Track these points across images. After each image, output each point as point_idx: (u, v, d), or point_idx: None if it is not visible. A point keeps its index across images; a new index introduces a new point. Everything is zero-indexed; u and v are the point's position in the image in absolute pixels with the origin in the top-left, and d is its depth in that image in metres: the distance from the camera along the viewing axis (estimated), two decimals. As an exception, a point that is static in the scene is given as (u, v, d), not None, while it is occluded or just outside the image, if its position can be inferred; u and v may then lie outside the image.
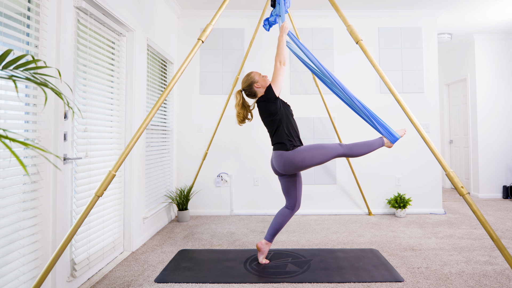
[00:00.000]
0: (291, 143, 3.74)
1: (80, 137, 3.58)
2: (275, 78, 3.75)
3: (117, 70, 4.48)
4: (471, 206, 2.96)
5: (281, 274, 3.76)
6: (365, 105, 3.68)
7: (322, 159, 3.68)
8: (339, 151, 3.68)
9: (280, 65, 3.74)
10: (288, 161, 3.71)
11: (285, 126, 3.77)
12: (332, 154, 3.68)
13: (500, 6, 6.49)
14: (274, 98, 3.73)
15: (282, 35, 3.87)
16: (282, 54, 3.77)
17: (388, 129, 3.68)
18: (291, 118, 3.87)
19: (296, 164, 3.70)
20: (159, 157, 5.89)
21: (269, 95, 3.75)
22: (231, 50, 6.82)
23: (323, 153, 3.67)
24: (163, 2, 5.90)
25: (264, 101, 3.80)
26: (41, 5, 3.00)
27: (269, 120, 3.84)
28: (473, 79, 8.46)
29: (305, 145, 3.78)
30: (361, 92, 6.80)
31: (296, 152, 3.68)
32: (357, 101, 3.67)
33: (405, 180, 6.81)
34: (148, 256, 4.47)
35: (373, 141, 3.75)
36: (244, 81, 3.99)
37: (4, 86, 2.56)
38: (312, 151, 3.68)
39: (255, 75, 3.94)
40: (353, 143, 3.74)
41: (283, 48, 3.79)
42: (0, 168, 2.56)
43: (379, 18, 6.87)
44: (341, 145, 3.69)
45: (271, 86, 3.74)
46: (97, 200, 2.79)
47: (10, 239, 2.65)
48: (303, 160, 3.67)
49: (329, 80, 3.81)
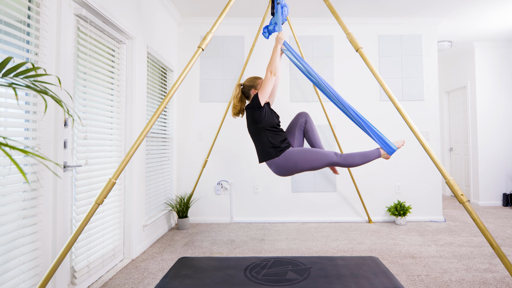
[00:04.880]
0: (276, 149, 3.69)
1: (80, 144, 3.58)
2: (262, 87, 3.71)
3: (117, 78, 4.49)
4: (471, 213, 2.95)
5: (281, 281, 3.75)
6: (360, 114, 3.61)
7: (315, 164, 3.63)
8: (333, 159, 3.63)
9: (270, 75, 3.70)
10: (280, 167, 3.67)
11: (267, 134, 3.73)
12: (326, 161, 3.63)
13: (500, 14, 6.51)
14: (259, 107, 3.69)
15: (277, 45, 3.83)
16: (274, 65, 3.74)
17: (384, 140, 3.58)
18: (276, 127, 3.81)
19: (290, 168, 3.66)
20: (159, 165, 5.89)
21: (254, 103, 3.71)
22: (231, 57, 6.83)
23: (317, 158, 3.63)
24: (163, 9, 5.92)
25: (249, 108, 3.78)
26: (41, 12, 3.01)
27: (253, 128, 3.80)
28: (473, 86, 8.47)
29: (298, 148, 3.74)
30: (361, 99, 6.82)
31: (287, 157, 3.63)
32: (353, 110, 3.61)
33: (405, 188, 6.80)
34: (148, 264, 4.46)
35: (369, 152, 3.69)
36: (248, 79, 3.96)
37: (4, 94, 2.57)
38: (305, 154, 3.64)
39: (261, 83, 3.90)
40: (348, 153, 3.67)
41: (275, 59, 3.76)
42: (0, 176, 2.56)
43: (379, 26, 6.89)
44: (336, 154, 3.63)
45: (257, 95, 3.73)
46: (97, 208, 2.79)
47: (10, 247, 2.65)
48: (296, 164, 3.63)
49: (325, 90, 3.78)
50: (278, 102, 6.60)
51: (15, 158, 2.63)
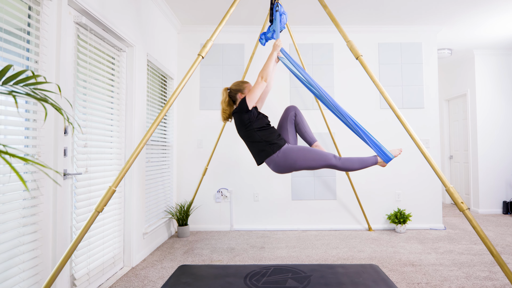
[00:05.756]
0: (272, 146, 3.67)
1: (80, 152, 3.58)
2: (251, 92, 3.69)
3: (117, 86, 4.50)
4: (471, 221, 2.95)
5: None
6: (358, 122, 3.61)
7: (313, 164, 3.61)
8: (331, 162, 3.62)
9: (261, 80, 3.68)
10: (279, 164, 3.63)
11: (260, 134, 3.72)
12: (324, 162, 3.61)
13: (500, 21, 6.53)
14: (246, 110, 3.67)
15: (272, 52, 3.81)
16: (266, 71, 3.72)
17: (381, 148, 3.57)
18: (265, 127, 3.77)
19: (289, 166, 3.63)
20: (159, 173, 5.89)
21: (242, 107, 3.69)
22: (231, 65, 6.85)
23: (316, 158, 3.61)
24: (163, 17, 5.94)
25: (237, 113, 3.75)
26: (41, 20, 3.02)
27: (243, 131, 3.76)
28: (473, 94, 8.48)
29: (297, 146, 3.74)
30: (361, 107, 6.83)
31: (286, 154, 3.62)
32: (350, 118, 3.60)
33: (405, 196, 6.79)
34: (148, 272, 4.45)
35: (367, 158, 3.68)
36: (235, 84, 3.95)
37: (4, 102, 2.57)
38: (305, 153, 3.62)
39: (247, 87, 3.90)
40: (347, 157, 3.66)
41: (269, 65, 3.74)
42: (0, 184, 2.56)
43: (379, 34, 6.91)
44: (335, 157, 3.63)
45: (245, 98, 3.70)
46: (97, 216, 2.79)
47: (10, 255, 2.65)
48: (294, 162, 3.60)
49: (323, 98, 3.76)
50: (277, 110, 6.59)
51: (15, 166, 2.63)
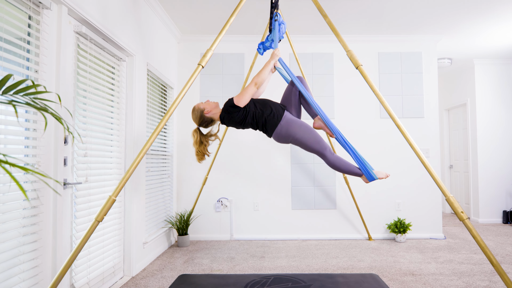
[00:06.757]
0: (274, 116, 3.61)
1: (80, 162, 3.58)
2: (241, 95, 3.57)
3: (117, 95, 4.51)
4: (471, 231, 2.94)
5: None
6: (346, 139, 3.57)
7: (309, 143, 3.56)
8: (325, 151, 3.55)
9: (254, 86, 3.59)
10: (280, 132, 3.61)
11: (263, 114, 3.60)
12: (319, 147, 3.55)
13: (500, 31, 6.55)
14: (232, 105, 3.57)
15: (270, 61, 3.74)
16: (261, 77, 3.65)
17: (366, 167, 3.51)
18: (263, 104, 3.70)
19: (289, 134, 3.59)
20: (159, 182, 5.88)
21: (227, 105, 3.60)
22: (231, 75, 6.86)
23: (314, 140, 3.55)
24: (163, 27, 5.96)
25: (226, 114, 3.63)
26: (41, 30, 3.04)
27: (245, 123, 3.70)
28: (473, 104, 8.49)
29: (302, 121, 3.68)
30: (361, 117, 6.84)
31: (288, 123, 3.60)
32: (339, 134, 3.57)
33: (405, 205, 6.78)
34: (148, 281, 4.44)
35: (354, 167, 3.60)
36: (194, 118, 3.77)
37: (4, 111, 2.58)
38: (306, 129, 3.56)
39: (199, 105, 3.73)
40: (339, 157, 3.61)
41: (264, 72, 3.67)
42: (0, 193, 2.56)
43: (379, 43, 6.93)
44: (330, 150, 3.58)
45: (233, 100, 3.58)
46: (97, 225, 2.78)
47: (10, 264, 2.64)
48: (295, 132, 3.56)
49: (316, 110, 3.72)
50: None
51: (15, 176, 2.63)
